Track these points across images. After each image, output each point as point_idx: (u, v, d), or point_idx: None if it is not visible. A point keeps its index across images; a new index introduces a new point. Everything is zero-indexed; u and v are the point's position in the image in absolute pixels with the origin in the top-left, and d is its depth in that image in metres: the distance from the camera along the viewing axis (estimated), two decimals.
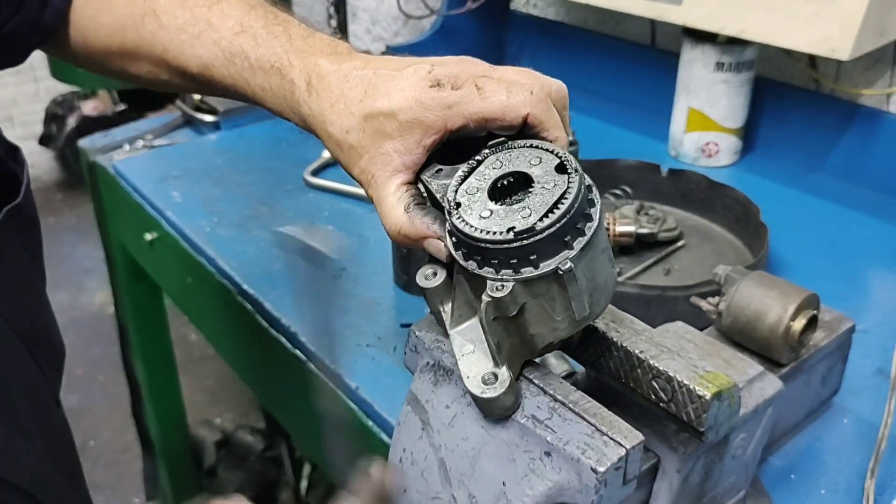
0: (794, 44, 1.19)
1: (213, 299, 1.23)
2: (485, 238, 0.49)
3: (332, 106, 0.59)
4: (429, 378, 0.58)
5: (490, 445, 0.53)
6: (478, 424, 0.54)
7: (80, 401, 2.56)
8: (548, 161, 0.52)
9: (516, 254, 0.48)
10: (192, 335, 2.78)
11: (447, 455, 0.56)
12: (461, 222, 0.50)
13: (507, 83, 0.55)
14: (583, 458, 0.49)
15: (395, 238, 0.57)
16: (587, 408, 0.52)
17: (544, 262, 0.48)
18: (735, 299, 0.76)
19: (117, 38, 0.72)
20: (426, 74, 0.56)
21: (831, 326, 0.81)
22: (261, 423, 2.34)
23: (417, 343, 0.60)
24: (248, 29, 0.65)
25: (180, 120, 1.62)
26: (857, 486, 0.78)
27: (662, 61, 1.52)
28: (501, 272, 0.49)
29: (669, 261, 1.12)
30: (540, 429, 0.51)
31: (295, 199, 1.34)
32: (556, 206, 0.48)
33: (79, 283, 3.16)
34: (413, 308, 1.06)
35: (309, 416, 1.08)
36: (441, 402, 0.57)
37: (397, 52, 1.73)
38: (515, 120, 0.54)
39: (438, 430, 0.56)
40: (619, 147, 1.46)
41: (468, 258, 0.51)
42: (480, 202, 0.51)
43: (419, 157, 0.56)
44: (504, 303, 0.49)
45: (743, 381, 0.65)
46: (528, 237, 0.47)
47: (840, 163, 1.36)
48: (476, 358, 0.52)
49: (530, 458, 0.52)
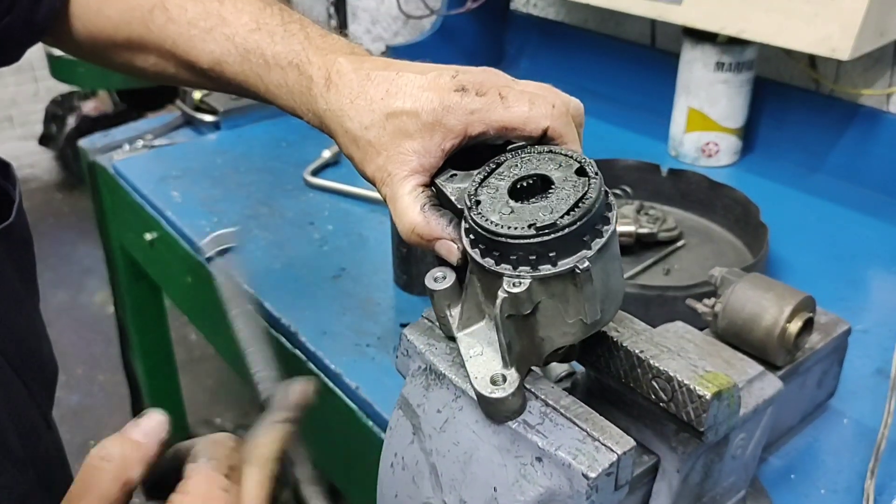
0: (794, 44, 1.19)
1: (213, 299, 1.22)
2: (505, 233, 0.49)
3: (352, 102, 0.58)
4: (420, 382, 0.57)
5: (481, 450, 0.53)
6: (469, 429, 0.54)
7: (81, 400, 2.56)
8: (567, 165, 0.52)
9: (536, 250, 0.48)
10: (192, 335, 2.78)
11: (438, 460, 0.55)
12: (481, 218, 0.50)
13: (530, 95, 0.56)
14: (574, 463, 0.49)
15: (407, 237, 0.57)
16: (579, 413, 0.52)
17: (563, 261, 0.48)
18: (731, 301, 0.76)
19: (124, 30, 0.71)
20: (451, 79, 0.56)
21: (827, 329, 0.81)
22: None
23: (409, 347, 0.59)
24: (263, 26, 0.65)
25: (180, 120, 1.62)
26: (856, 486, 0.78)
27: (662, 61, 1.52)
28: (519, 269, 0.49)
29: (669, 261, 1.12)
30: (531, 434, 0.51)
31: (295, 199, 1.34)
32: (577, 204, 0.49)
33: (79, 283, 3.16)
34: (413, 308, 1.06)
35: (308, 417, 1.08)
36: (432, 407, 0.56)
37: (397, 52, 1.73)
38: (535, 131, 0.55)
39: (430, 435, 0.56)
40: (619, 147, 1.47)
41: (485, 255, 0.50)
42: (501, 200, 0.51)
43: (437, 159, 0.56)
44: (520, 300, 0.49)
45: (743, 381, 0.65)
46: (549, 233, 0.48)
47: (840, 163, 1.37)
48: (484, 360, 0.52)
49: (521, 464, 0.51)
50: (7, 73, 3.61)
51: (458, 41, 1.79)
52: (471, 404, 0.54)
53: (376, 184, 0.59)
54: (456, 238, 0.54)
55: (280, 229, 1.25)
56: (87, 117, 3.73)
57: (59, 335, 2.83)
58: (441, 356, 0.57)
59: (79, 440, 2.36)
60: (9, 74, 3.66)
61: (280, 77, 0.64)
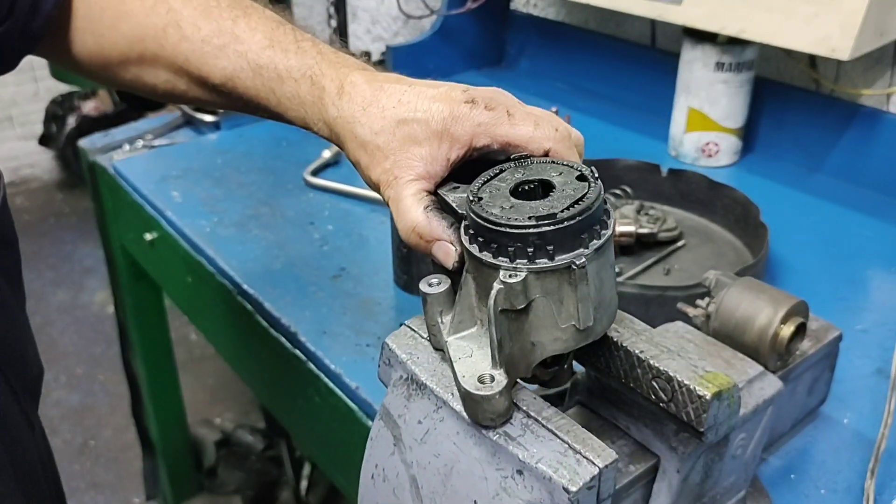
0: (794, 44, 1.19)
1: (213, 299, 1.23)
2: (505, 223, 0.49)
3: (364, 109, 0.60)
4: (402, 392, 0.57)
5: (462, 462, 0.52)
6: (450, 441, 0.53)
7: (81, 400, 2.56)
8: (568, 173, 0.54)
9: (534, 242, 0.49)
10: (192, 335, 2.78)
11: (419, 472, 0.55)
12: (482, 210, 0.51)
13: (536, 117, 0.58)
14: (555, 476, 0.48)
15: (406, 236, 0.58)
16: (560, 424, 0.51)
17: (560, 256, 0.49)
18: (723, 304, 0.75)
19: (137, 47, 0.72)
20: (462, 93, 0.59)
21: (818, 335, 0.80)
22: (261, 422, 2.34)
23: (391, 356, 0.59)
24: (277, 43, 0.66)
25: (180, 120, 1.62)
26: (856, 486, 0.78)
27: (662, 61, 1.52)
28: (516, 262, 0.49)
29: (669, 261, 1.12)
30: (512, 446, 0.50)
31: (295, 199, 1.34)
32: (577, 201, 0.50)
33: (79, 283, 3.16)
34: (413, 308, 1.06)
35: (309, 416, 1.08)
36: (413, 418, 0.56)
37: (397, 53, 1.73)
38: (538, 151, 0.57)
39: (410, 447, 0.55)
40: (619, 147, 1.47)
41: (483, 249, 0.51)
42: (503, 198, 0.53)
43: (443, 169, 0.58)
44: (515, 291, 0.49)
45: (743, 381, 0.65)
46: (549, 224, 0.49)
47: (840, 163, 1.37)
48: (473, 361, 0.52)
49: (502, 476, 0.50)
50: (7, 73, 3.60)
51: (458, 41, 1.79)
52: (452, 415, 0.53)
53: (381, 186, 0.60)
54: (455, 241, 0.56)
55: (280, 229, 1.25)
56: (87, 117, 3.73)
57: (59, 335, 2.84)
58: (423, 366, 0.56)
59: (79, 440, 2.36)
60: (9, 74, 3.65)
61: (292, 88, 0.65)
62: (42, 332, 2.85)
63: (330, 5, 1.79)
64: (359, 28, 2.46)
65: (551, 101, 1.56)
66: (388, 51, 1.76)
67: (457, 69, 1.81)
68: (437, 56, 1.78)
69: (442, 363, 0.56)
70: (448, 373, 0.55)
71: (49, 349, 2.76)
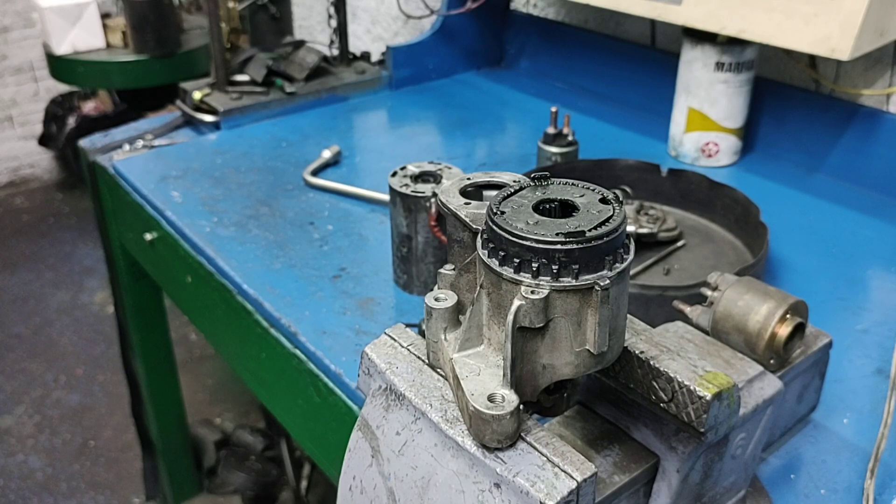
0: (793, 44, 1.19)
1: (213, 299, 1.23)
2: (532, 237, 0.49)
3: None
4: (380, 402, 0.56)
5: (439, 475, 0.51)
6: (428, 453, 0.52)
7: (81, 400, 2.56)
8: (591, 195, 0.54)
9: (561, 259, 0.48)
10: (192, 335, 2.78)
11: (396, 484, 0.54)
12: (507, 223, 0.50)
13: None
14: (532, 490, 0.47)
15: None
16: (540, 437, 0.50)
17: (584, 276, 0.49)
18: (721, 303, 0.75)
19: None
20: None
21: (808, 342, 0.79)
22: (261, 423, 2.34)
23: (370, 365, 0.58)
24: None
25: (180, 120, 1.62)
26: (857, 486, 0.78)
27: (662, 61, 1.52)
28: (539, 278, 0.49)
29: (669, 261, 1.12)
30: (490, 459, 0.49)
31: (295, 199, 1.34)
32: (604, 222, 0.50)
33: (79, 283, 3.15)
34: (413, 308, 1.06)
35: (309, 416, 1.08)
36: (392, 429, 0.55)
37: (397, 52, 1.73)
38: None
39: (388, 459, 0.55)
40: (619, 147, 1.47)
41: (503, 264, 0.50)
42: (527, 213, 0.52)
43: None
44: (536, 308, 0.48)
45: (743, 381, 0.65)
46: (577, 241, 0.48)
47: (840, 163, 1.37)
48: (482, 380, 0.51)
49: (479, 490, 0.49)
50: (7, 73, 3.61)
51: (458, 41, 1.79)
52: (430, 427, 0.52)
53: None
54: None
55: (280, 229, 1.25)
56: (87, 117, 3.73)
57: (58, 335, 2.84)
58: (402, 376, 0.55)
59: (79, 440, 2.36)
60: (9, 74, 3.66)
61: None
62: (42, 333, 2.85)
63: (330, 5, 1.79)
64: (359, 28, 2.46)
65: (551, 101, 1.56)
66: (388, 51, 1.76)
67: (457, 69, 1.81)
68: (437, 56, 1.78)
69: (421, 374, 0.55)
70: (427, 383, 0.54)
71: (49, 349, 2.76)
